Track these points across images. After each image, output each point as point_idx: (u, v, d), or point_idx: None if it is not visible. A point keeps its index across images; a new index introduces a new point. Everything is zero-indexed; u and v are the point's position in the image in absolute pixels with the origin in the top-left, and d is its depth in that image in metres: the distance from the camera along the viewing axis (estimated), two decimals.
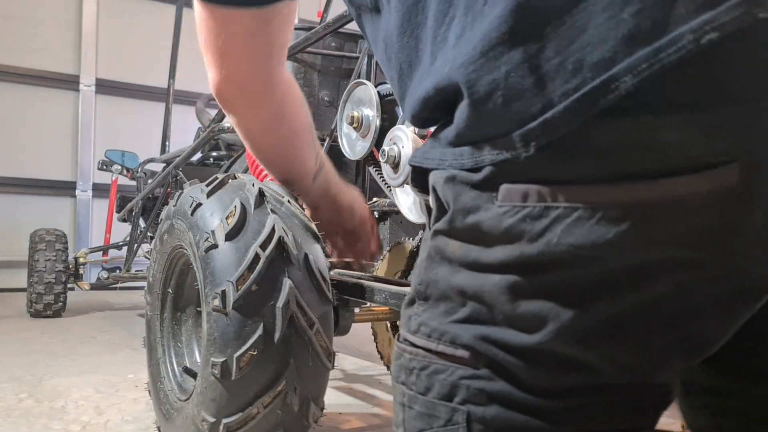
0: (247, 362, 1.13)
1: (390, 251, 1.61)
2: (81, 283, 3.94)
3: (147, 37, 5.70)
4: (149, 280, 1.59)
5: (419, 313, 0.56)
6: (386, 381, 2.32)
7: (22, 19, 5.30)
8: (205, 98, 3.68)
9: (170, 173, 2.82)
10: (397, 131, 1.38)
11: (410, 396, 0.55)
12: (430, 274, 0.55)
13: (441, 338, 0.53)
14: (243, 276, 1.15)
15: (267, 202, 1.28)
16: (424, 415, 0.54)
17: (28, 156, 5.31)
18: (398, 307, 1.20)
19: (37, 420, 1.81)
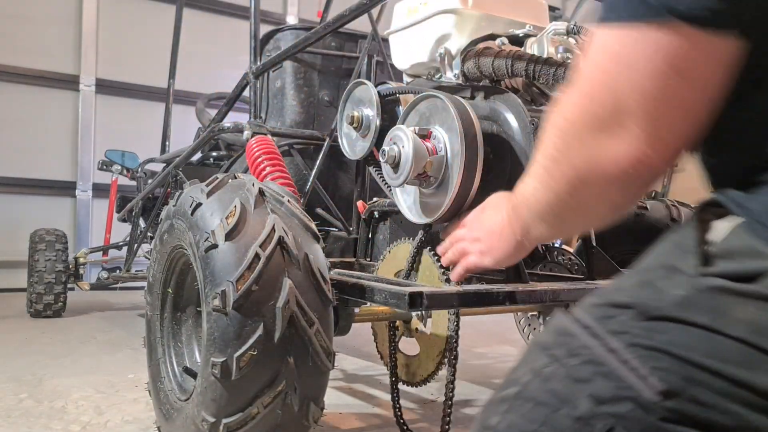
0: (247, 362, 1.13)
1: (390, 251, 1.61)
2: (81, 283, 3.94)
3: (147, 37, 5.70)
4: (149, 280, 1.59)
5: (627, 321, 0.55)
6: (386, 381, 2.32)
7: (22, 19, 5.30)
8: (205, 98, 3.69)
9: (170, 173, 2.82)
10: (397, 131, 1.38)
11: (554, 372, 0.56)
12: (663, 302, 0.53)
13: (642, 357, 0.52)
14: (243, 276, 1.14)
15: (267, 201, 1.28)
16: (557, 397, 0.54)
17: (28, 156, 5.31)
18: (398, 307, 1.20)
19: (37, 420, 1.81)
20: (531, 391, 0.58)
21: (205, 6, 6.01)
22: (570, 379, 0.55)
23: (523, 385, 0.59)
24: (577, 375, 0.55)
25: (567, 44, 1.50)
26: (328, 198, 2.15)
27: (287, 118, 2.27)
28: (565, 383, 0.55)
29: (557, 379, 0.56)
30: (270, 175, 1.78)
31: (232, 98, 2.41)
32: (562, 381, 0.55)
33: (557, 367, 0.57)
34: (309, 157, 2.20)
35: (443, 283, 1.41)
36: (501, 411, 0.59)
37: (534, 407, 0.56)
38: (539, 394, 0.57)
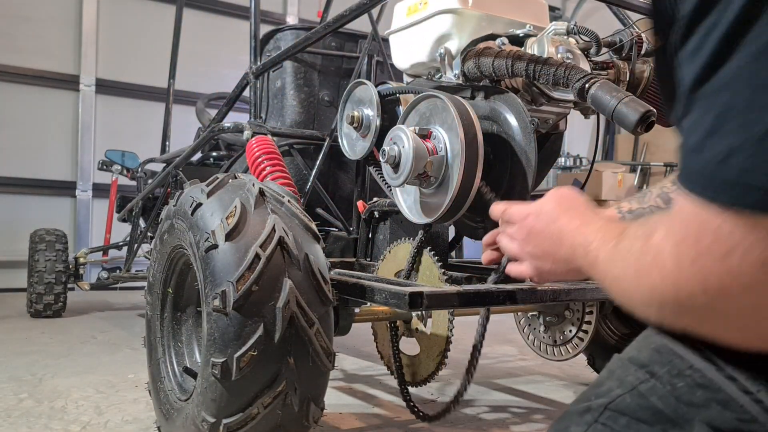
0: (247, 362, 1.13)
1: (390, 251, 1.61)
2: (81, 283, 3.94)
3: (147, 37, 5.70)
4: (149, 280, 1.59)
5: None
6: (386, 381, 2.32)
7: (22, 19, 5.30)
8: (205, 98, 3.69)
9: (170, 173, 2.82)
10: (397, 131, 1.38)
11: (653, 390, 0.53)
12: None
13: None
14: (243, 276, 1.14)
15: (267, 202, 1.28)
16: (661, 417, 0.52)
17: (28, 156, 5.31)
18: (398, 307, 1.20)
19: (37, 420, 1.81)
20: (624, 406, 0.55)
21: (206, 6, 6.01)
22: (677, 401, 0.52)
23: (613, 397, 0.56)
24: (686, 398, 0.52)
25: (567, 44, 1.50)
26: (328, 198, 2.15)
27: (287, 118, 2.27)
28: (670, 403, 0.52)
29: (659, 397, 0.53)
30: (270, 175, 1.78)
31: (232, 98, 2.41)
32: (666, 400, 0.53)
33: (657, 384, 0.54)
34: (309, 157, 2.20)
35: (443, 283, 1.41)
36: (585, 421, 0.57)
37: (630, 423, 0.54)
38: (635, 410, 0.54)
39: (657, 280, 0.53)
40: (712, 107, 0.46)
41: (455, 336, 1.51)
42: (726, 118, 0.45)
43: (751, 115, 0.43)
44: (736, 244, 0.46)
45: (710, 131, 0.46)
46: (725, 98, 0.45)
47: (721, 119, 0.45)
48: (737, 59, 0.43)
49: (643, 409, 0.54)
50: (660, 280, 0.52)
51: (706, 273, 0.48)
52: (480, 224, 1.62)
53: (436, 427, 1.77)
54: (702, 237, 0.48)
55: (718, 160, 0.45)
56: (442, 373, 1.65)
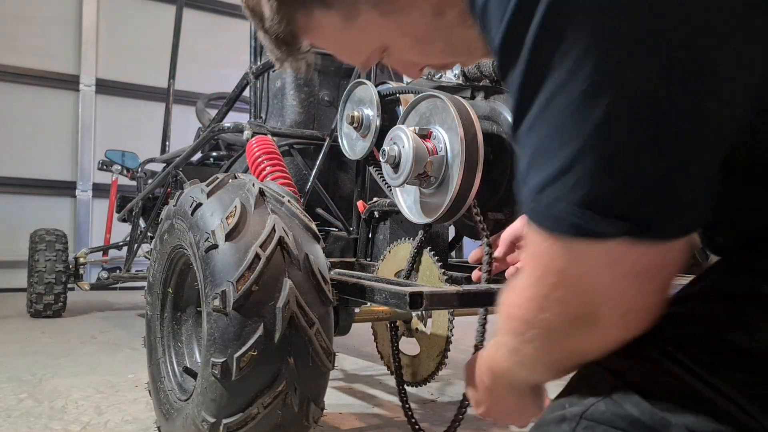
0: (247, 362, 1.13)
1: (390, 251, 1.61)
2: (81, 283, 3.94)
3: (147, 37, 5.70)
4: (149, 280, 1.59)
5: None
6: (386, 381, 2.32)
7: (22, 19, 5.30)
8: (205, 98, 3.69)
9: (170, 173, 2.82)
10: (397, 131, 1.38)
11: (626, 397, 0.54)
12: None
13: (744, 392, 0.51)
14: (243, 276, 1.14)
15: (267, 202, 1.28)
16: (638, 425, 0.52)
17: (28, 156, 5.31)
18: (398, 307, 1.20)
19: (37, 420, 1.81)
20: (599, 415, 0.54)
21: (206, 6, 6.01)
22: (653, 407, 0.52)
23: (587, 405, 0.55)
24: (661, 403, 0.52)
25: None
26: (328, 198, 2.15)
27: (287, 118, 2.27)
28: (645, 410, 0.52)
29: (633, 404, 0.53)
30: (270, 175, 1.78)
31: (232, 98, 2.41)
32: (641, 407, 0.52)
33: (630, 391, 0.54)
34: (309, 157, 2.20)
35: (443, 283, 1.41)
36: (563, 431, 0.56)
37: (607, 431, 0.53)
38: (611, 418, 0.54)
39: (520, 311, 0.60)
40: (526, 147, 0.52)
41: (455, 336, 1.51)
42: (535, 156, 0.51)
43: (552, 153, 0.50)
44: (561, 263, 0.53)
45: (528, 167, 0.53)
46: (533, 139, 0.51)
47: (533, 157, 0.52)
48: (535, 106, 0.50)
49: (619, 417, 0.53)
50: (523, 300, 0.59)
51: (546, 290, 0.55)
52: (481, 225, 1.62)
53: (436, 428, 1.77)
54: (540, 259, 0.55)
55: (535, 192, 0.52)
56: (442, 373, 1.65)
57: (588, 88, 0.47)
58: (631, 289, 0.53)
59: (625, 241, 0.50)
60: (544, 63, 0.48)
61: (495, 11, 0.52)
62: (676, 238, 0.51)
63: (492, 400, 0.83)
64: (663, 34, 0.45)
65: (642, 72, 0.46)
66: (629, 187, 0.49)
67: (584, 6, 0.46)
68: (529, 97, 0.50)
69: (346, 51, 0.77)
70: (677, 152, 0.48)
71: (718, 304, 0.56)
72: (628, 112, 0.47)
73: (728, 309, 0.54)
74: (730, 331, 0.53)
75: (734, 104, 0.49)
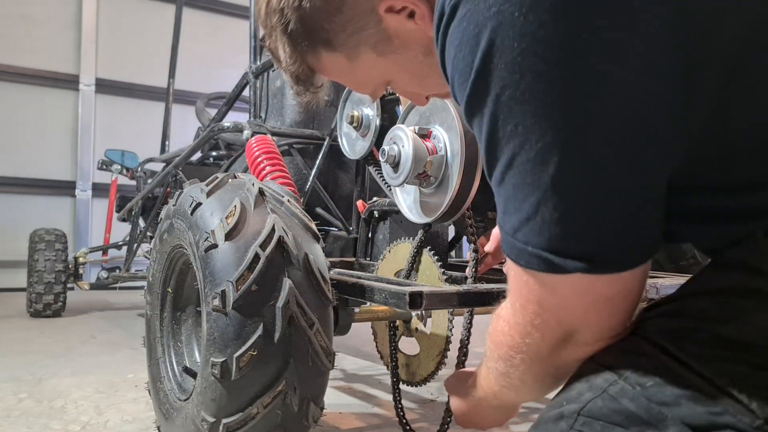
0: (246, 362, 1.13)
1: (390, 251, 1.61)
2: (81, 282, 3.94)
3: (147, 36, 5.70)
4: (149, 280, 1.59)
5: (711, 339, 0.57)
6: (386, 381, 2.32)
7: (22, 19, 5.30)
8: (204, 98, 3.68)
9: (170, 173, 2.82)
10: (396, 131, 1.38)
11: (623, 392, 0.56)
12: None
13: (736, 381, 0.52)
14: (243, 276, 1.14)
15: (267, 201, 1.28)
16: (634, 418, 0.54)
17: (28, 156, 5.31)
18: (398, 307, 1.20)
19: (36, 420, 1.81)
20: (596, 410, 0.56)
21: (205, 6, 6.01)
22: (649, 401, 0.54)
23: (584, 402, 0.58)
24: (657, 397, 0.54)
25: None
26: (328, 198, 2.14)
27: (287, 118, 2.27)
28: (642, 404, 0.54)
29: (629, 399, 0.55)
30: (270, 174, 1.78)
31: (231, 98, 2.40)
32: (638, 402, 0.54)
33: (626, 386, 0.56)
34: (309, 156, 2.19)
35: (443, 282, 1.41)
36: (560, 429, 0.58)
37: (605, 427, 0.55)
38: (608, 414, 0.56)
39: (506, 338, 0.67)
40: (500, 196, 0.61)
41: (455, 336, 1.50)
42: (507, 205, 0.60)
43: (519, 203, 0.58)
44: (538, 294, 0.61)
45: (504, 211, 0.61)
46: (503, 192, 0.60)
47: (506, 204, 0.61)
48: (501, 165, 0.59)
49: (615, 412, 0.55)
50: (507, 328, 0.67)
51: (529, 317, 0.63)
52: (480, 224, 1.62)
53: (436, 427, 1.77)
54: (521, 291, 0.63)
55: (511, 234, 0.61)
56: (442, 372, 1.65)
57: (540, 150, 0.55)
58: (602, 314, 0.61)
59: (587, 275, 0.57)
60: (501, 135, 0.57)
61: (458, 91, 0.61)
62: (631, 269, 0.59)
63: (476, 415, 0.92)
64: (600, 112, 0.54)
65: (579, 132, 0.54)
66: (582, 231, 0.57)
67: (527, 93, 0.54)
68: (494, 158, 0.59)
69: (355, 84, 0.89)
70: (621, 198, 0.56)
71: (710, 299, 0.58)
72: (573, 167, 0.55)
73: (720, 303, 0.57)
74: (722, 324, 0.55)
75: (667, 152, 0.57)
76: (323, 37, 0.77)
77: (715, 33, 0.54)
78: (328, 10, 0.74)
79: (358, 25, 0.75)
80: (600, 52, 0.53)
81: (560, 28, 0.53)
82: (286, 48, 0.80)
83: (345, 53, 0.79)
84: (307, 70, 0.82)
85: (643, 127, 0.55)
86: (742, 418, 0.50)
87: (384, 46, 0.77)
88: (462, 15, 0.58)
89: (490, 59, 0.55)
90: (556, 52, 0.53)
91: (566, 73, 0.53)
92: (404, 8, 0.73)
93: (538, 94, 0.54)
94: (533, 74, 0.54)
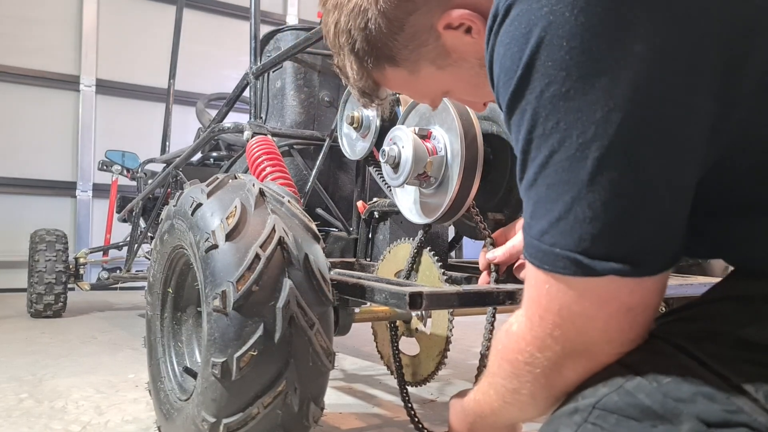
0: (247, 362, 1.13)
1: (390, 251, 1.61)
2: (81, 283, 3.94)
3: (147, 37, 5.70)
4: (149, 280, 1.59)
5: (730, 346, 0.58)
6: (386, 381, 2.32)
7: (23, 20, 5.31)
8: (205, 98, 3.69)
9: (170, 173, 2.83)
10: (397, 131, 1.38)
11: (639, 387, 0.57)
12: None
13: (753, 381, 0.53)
14: (243, 276, 1.15)
15: (267, 202, 1.28)
16: (649, 414, 0.55)
17: (28, 156, 5.31)
18: (398, 307, 1.20)
19: (37, 420, 1.81)
20: (611, 404, 0.57)
21: (206, 6, 6.01)
22: (665, 397, 0.54)
23: (599, 396, 0.58)
24: (673, 393, 0.54)
25: None
26: (328, 198, 2.15)
27: (287, 119, 2.28)
28: (658, 399, 0.55)
29: (646, 394, 0.56)
30: (270, 175, 1.78)
31: (232, 98, 2.41)
32: (654, 397, 0.55)
33: (643, 381, 0.56)
34: (309, 157, 2.20)
35: (443, 283, 1.42)
36: (575, 422, 0.59)
37: (619, 420, 0.56)
38: (623, 408, 0.56)
39: (521, 355, 0.66)
40: (530, 199, 0.62)
41: (455, 336, 1.51)
42: (537, 207, 0.61)
43: (549, 205, 0.59)
44: (561, 302, 0.61)
45: (531, 216, 0.62)
46: (534, 194, 0.61)
47: (534, 208, 0.61)
48: (534, 165, 0.60)
49: (631, 406, 0.56)
50: (524, 344, 0.65)
51: (548, 329, 0.62)
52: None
53: (436, 428, 1.77)
54: (540, 301, 0.63)
55: (538, 237, 0.61)
56: (442, 373, 1.66)
57: (581, 146, 0.56)
58: (623, 325, 0.60)
59: (615, 279, 0.57)
60: (542, 132, 0.58)
61: (502, 88, 0.62)
62: (657, 273, 0.59)
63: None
64: (643, 110, 0.55)
65: (621, 131, 0.55)
66: (614, 230, 0.57)
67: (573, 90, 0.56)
68: (530, 157, 0.60)
69: (416, 95, 0.93)
70: (657, 198, 0.57)
71: (730, 304, 0.59)
72: (612, 165, 0.56)
73: (741, 308, 0.58)
74: (743, 327, 0.56)
75: (698, 152, 0.58)
76: (387, 54, 0.82)
77: (753, 43, 0.57)
78: (392, 30, 0.79)
79: (418, 42, 0.80)
80: (646, 56, 0.54)
81: (610, 30, 0.55)
82: (354, 66, 0.86)
83: (407, 68, 0.84)
84: (372, 85, 0.88)
85: (683, 128, 0.56)
86: (758, 417, 0.51)
87: (442, 60, 0.81)
88: (515, 15, 0.60)
89: (538, 56, 0.57)
90: (604, 52, 0.55)
91: (612, 73, 0.55)
92: (461, 24, 0.76)
93: (582, 91, 0.55)
94: (580, 72, 0.55)
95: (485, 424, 0.86)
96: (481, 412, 0.83)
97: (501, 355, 0.71)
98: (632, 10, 0.54)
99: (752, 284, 0.59)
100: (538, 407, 0.71)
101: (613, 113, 0.55)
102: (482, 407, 0.82)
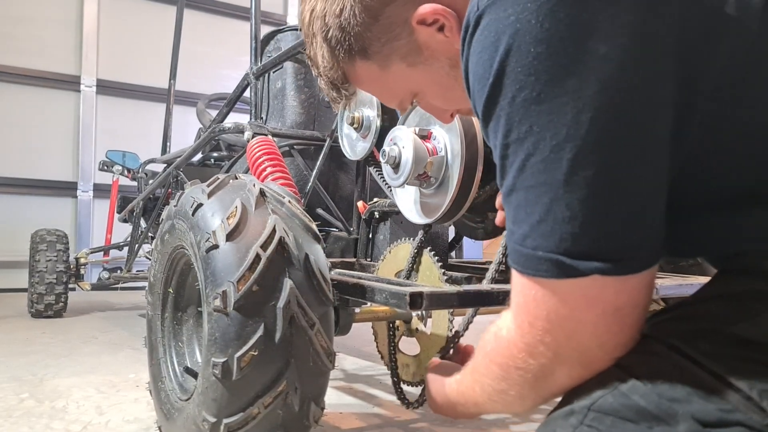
0: (247, 362, 1.14)
1: (390, 251, 1.61)
2: (82, 283, 3.95)
3: (148, 37, 5.70)
4: (150, 280, 1.59)
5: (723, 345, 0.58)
6: (386, 381, 2.33)
7: (23, 20, 5.31)
8: (205, 99, 3.69)
9: (171, 174, 2.83)
10: (397, 131, 1.38)
11: (634, 389, 0.57)
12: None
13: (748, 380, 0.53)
14: (244, 276, 1.15)
15: (268, 202, 1.28)
16: (645, 414, 0.55)
17: (29, 156, 5.32)
18: (399, 307, 1.20)
19: (38, 420, 1.81)
20: (607, 406, 0.57)
21: (206, 7, 6.02)
22: (660, 397, 0.55)
23: (595, 398, 0.58)
24: (668, 394, 0.55)
25: None
26: (328, 198, 2.15)
27: (288, 119, 2.28)
28: (653, 400, 0.55)
29: (641, 395, 0.56)
30: (271, 175, 1.78)
31: (232, 99, 2.41)
32: (649, 398, 0.55)
33: (638, 383, 0.57)
34: (309, 157, 2.20)
35: (443, 283, 1.42)
36: (571, 425, 0.59)
37: (615, 422, 0.56)
38: (619, 409, 0.56)
39: (511, 361, 0.66)
40: (510, 205, 0.62)
41: None
42: (518, 212, 0.61)
43: (529, 208, 0.59)
44: (548, 306, 0.60)
45: (513, 221, 0.62)
46: (514, 199, 0.61)
47: (516, 213, 0.61)
48: (512, 170, 0.61)
49: (626, 408, 0.56)
50: (515, 351, 0.65)
51: (538, 336, 0.62)
52: (480, 224, 1.63)
53: (436, 427, 1.78)
54: (527, 307, 0.62)
55: (520, 242, 0.61)
56: None
57: (554, 148, 0.57)
58: (612, 326, 0.60)
59: (599, 279, 0.57)
60: (516, 137, 0.60)
61: (477, 97, 0.64)
62: (641, 271, 0.59)
63: (449, 410, 0.94)
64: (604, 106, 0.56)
65: (591, 131, 0.56)
66: (593, 228, 0.57)
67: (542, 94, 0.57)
68: (508, 163, 0.62)
69: (384, 95, 0.93)
70: (631, 193, 0.58)
71: (722, 302, 0.59)
72: (586, 164, 0.56)
73: (732, 305, 0.58)
74: (734, 324, 0.56)
75: (668, 147, 0.59)
76: (359, 45, 0.82)
77: (714, 46, 0.58)
78: (366, 20, 0.79)
79: (391, 35, 0.80)
80: (611, 56, 0.56)
81: (574, 34, 0.56)
82: (325, 54, 0.86)
83: (378, 62, 0.84)
84: (341, 77, 0.88)
85: (652, 124, 0.58)
86: (753, 415, 0.51)
87: (414, 57, 0.82)
88: (485, 24, 0.61)
89: (508, 62, 0.59)
90: (570, 56, 0.56)
91: (579, 75, 0.56)
92: (435, 21, 0.77)
93: (552, 94, 0.57)
94: (548, 75, 0.57)
95: (467, 412, 0.88)
96: (465, 403, 0.85)
97: (490, 358, 0.71)
98: (595, 14, 0.56)
99: (739, 281, 0.59)
100: (525, 407, 0.71)
101: (582, 114, 0.56)
102: (466, 399, 0.83)
